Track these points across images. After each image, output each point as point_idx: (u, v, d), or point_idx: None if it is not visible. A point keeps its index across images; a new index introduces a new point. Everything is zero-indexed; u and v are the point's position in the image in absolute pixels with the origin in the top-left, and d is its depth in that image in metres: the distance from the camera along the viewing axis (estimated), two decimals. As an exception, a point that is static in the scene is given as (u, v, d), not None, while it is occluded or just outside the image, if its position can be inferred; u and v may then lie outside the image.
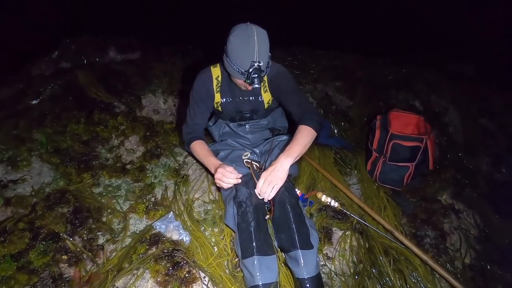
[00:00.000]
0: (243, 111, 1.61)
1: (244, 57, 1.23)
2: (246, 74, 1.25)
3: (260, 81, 1.27)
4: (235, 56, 1.25)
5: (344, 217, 1.71)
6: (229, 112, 1.62)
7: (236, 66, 1.27)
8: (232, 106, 1.59)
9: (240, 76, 1.29)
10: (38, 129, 1.88)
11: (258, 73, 1.24)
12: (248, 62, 1.23)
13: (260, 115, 1.65)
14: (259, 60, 1.23)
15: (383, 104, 2.67)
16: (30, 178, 1.69)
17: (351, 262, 1.56)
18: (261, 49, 1.22)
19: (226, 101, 1.57)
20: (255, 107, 1.60)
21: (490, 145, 2.56)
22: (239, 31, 1.24)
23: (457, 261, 1.71)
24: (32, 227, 1.42)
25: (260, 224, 1.34)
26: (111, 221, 1.61)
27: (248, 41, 1.21)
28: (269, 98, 1.58)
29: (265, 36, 1.25)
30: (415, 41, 4.52)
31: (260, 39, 1.22)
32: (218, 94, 1.55)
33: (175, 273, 1.34)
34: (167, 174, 1.88)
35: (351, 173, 2.11)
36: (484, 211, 2.04)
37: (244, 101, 1.57)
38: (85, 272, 1.40)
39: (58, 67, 2.46)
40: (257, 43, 1.21)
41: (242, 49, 1.23)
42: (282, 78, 1.50)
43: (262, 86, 1.53)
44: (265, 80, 1.52)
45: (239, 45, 1.23)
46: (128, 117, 2.09)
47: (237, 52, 1.24)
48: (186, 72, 2.64)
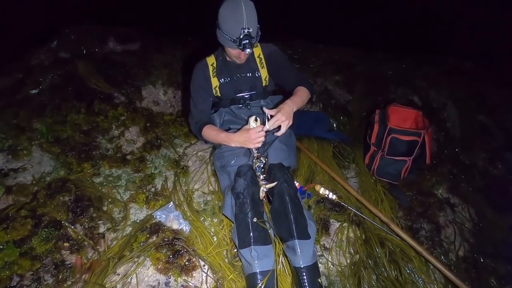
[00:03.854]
0: (242, 90, 1.66)
1: (234, 25, 1.32)
2: (237, 41, 1.34)
3: (251, 47, 1.36)
4: (226, 25, 1.35)
5: (341, 209, 1.74)
6: (229, 94, 1.66)
7: (227, 35, 1.36)
8: (231, 86, 1.64)
9: (232, 44, 1.38)
10: (38, 118, 1.89)
11: (248, 39, 1.33)
12: (238, 30, 1.32)
13: (259, 94, 1.70)
14: (248, 26, 1.32)
15: (382, 98, 2.69)
16: (31, 167, 1.70)
17: (347, 253, 1.59)
18: (249, 17, 1.32)
19: (225, 82, 1.63)
20: (253, 83, 1.66)
21: (487, 141, 2.58)
22: (228, 3, 1.34)
23: (451, 253, 1.75)
24: (34, 215, 1.43)
25: (257, 215, 1.36)
26: (112, 210, 1.63)
27: (236, 10, 1.31)
28: (266, 74, 1.65)
29: (252, 6, 1.35)
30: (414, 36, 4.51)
31: (247, 8, 1.31)
32: (215, 78, 1.62)
33: (176, 261, 1.37)
34: (167, 164, 1.90)
35: (349, 166, 2.13)
36: (479, 205, 2.08)
37: (242, 78, 1.64)
38: (87, 259, 1.42)
39: (57, 57, 2.44)
40: (245, 11, 1.30)
41: (232, 18, 1.32)
42: (278, 55, 1.64)
43: (259, 62, 1.63)
44: (261, 57, 1.63)
45: (228, 14, 1.33)
46: (128, 108, 2.10)
47: (227, 21, 1.34)
48: (186, 63, 2.63)
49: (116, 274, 1.34)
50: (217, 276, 1.38)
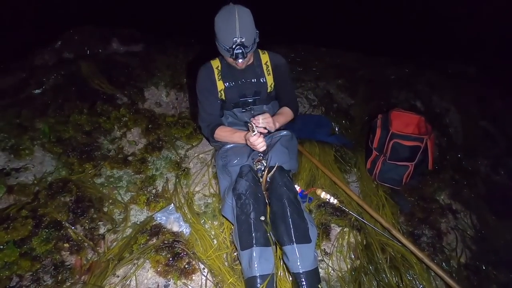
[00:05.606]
0: (247, 95, 1.67)
1: (226, 34, 1.33)
2: (230, 50, 1.35)
3: (243, 57, 1.36)
4: (220, 34, 1.35)
5: (342, 214, 1.73)
6: (233, 98, 1.66)
7: (222, 44, 1.36)
8: (235, 90, 1.64)
9: (226, 53, 1.39)
10: (41, 118, 1.89)
11: (241, 49, 1.33)
12: (230, 39, 1.32)
13: (263, 99, 1.71)
14: (241, 36, 1.31)
15: (384, 103, 2.68)
16: (33, 166, 1.70)
17: (348, 258, 1.58)
18: (242, 26, 1.31)
19: (229, 86, 1.63)
20: (258, 89, 1.66)
21: (490, 147, 2.57)
22: (222, 12, 1.34)
23: (453, 260, 1.73)
24: (35, 215, 1.43)
25: (260, 215, 1.36)
26: (112, 212, 1.63)
27: (228, 19, 1.31)
28: (272, 81, 1.67)
29: (247, 14, 1.34)
30: (417, 41, 4.51)
31: (241, 16, 1.31)
32: (220, 81, 1.62)
33: (175, 264, 1.36)
34: (168, 166, 1.90)
35: (350, 171, 2.12)
36: (481, 212, 2.06)
37: (246, 83, 1.64)
38: (86, 260, 1.42)
39: (61, 57, 2.46)
40: (238, 20, 1.30)
41: (224, 27, 1.33)
42: (284, 70, 1.68)
43: (266, 69, 1.64)
44: (269, 64, 1.65)
45: (222, 23, 1.33)
46: (130, 109, 2.10)
47: (221, 30, 1.34)
48: (188, 65, 2.64)
49: (115, 276, 1.34)
50: (217, 279, 1.37)
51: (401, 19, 4.99)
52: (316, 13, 5.43)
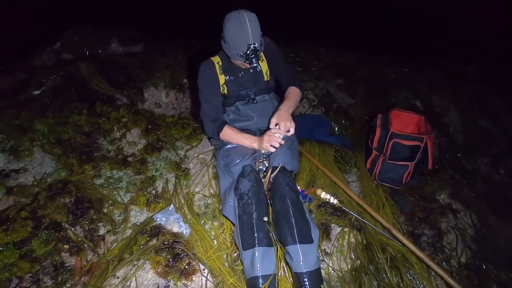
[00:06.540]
0: (246, 86, 1.69)
1: (241, 42, 1.39)
2: (245, 56, 1.42)
3: (257, 60, 1.45)
4: (233, 42, 1.42)
5: (342, 214, 1.73)
6: (235, 91, 1.69)
7: (235, 50, 1.43)
8: (236, 83, 1.68)
9: (240, 58, 1.45)
10: (40, 119, 1.89)
11: (255, 54, 1.41)
12: (245, 46, 1.39)
13: (262, 89, 1.73)
14: (254, 42, 1.39)
15: (384, 103, 2.68)
16: (32, 168, 1.70)
17: (348, 258, 1.58)
18: (254, 32, 1.38)
19: (230, 79, 1.67)
20: (256, 78, 1.69)
21: (490, 146, 2.56)
22: (233, 20, 1.39)
23: (453, 259, 1.73)
24: (35, 216, 1.43)
25: (263, 215, 1.36)
26: (112, 212, 1.63)
27: (241, 28, 1.37)
28: (266, 68, 1.71)
29: (255, 19, 1.41)
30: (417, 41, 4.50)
31: (251, 23, 1.37)
32: (222, 75, 1.66)
33: (175, 265, 1.36)
34: (168, 167, 1.90)
35: (350, 170, 2.12)
36: (481, 212, 2.06)
37: (245, 75, 1.67)
38: (86, 261, 1.42)
39: (60, 58, 2.45)
40: (250, 27, 1.36)
41: (238, 35, 1.39)
42: (273, 46, 1.69)
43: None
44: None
45: (235, 32, 1.39)
46: (130, 110, 2.10)
47: (234, 38, 1.41)
48: (188, 66, 2.63)
49: (115, 277, 1.34)
50: (217, 280, 1.37)
51: (401, 19, 4.98)
52: (316, 13, 5.42)
